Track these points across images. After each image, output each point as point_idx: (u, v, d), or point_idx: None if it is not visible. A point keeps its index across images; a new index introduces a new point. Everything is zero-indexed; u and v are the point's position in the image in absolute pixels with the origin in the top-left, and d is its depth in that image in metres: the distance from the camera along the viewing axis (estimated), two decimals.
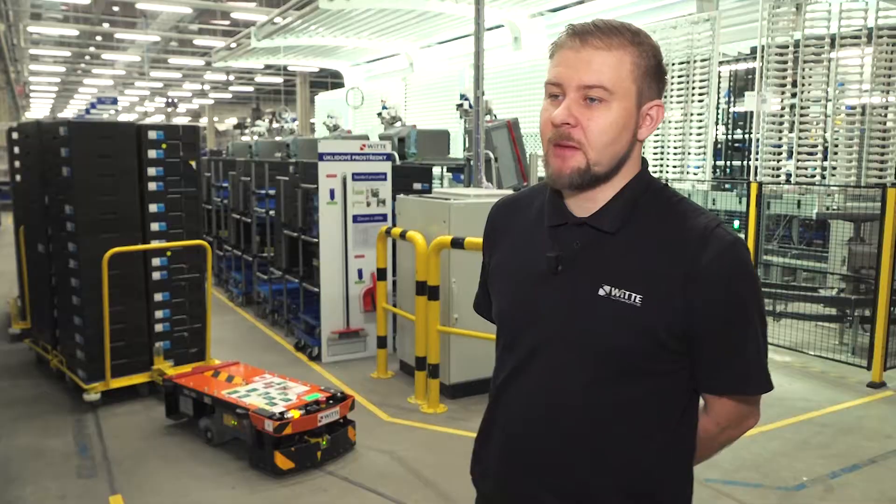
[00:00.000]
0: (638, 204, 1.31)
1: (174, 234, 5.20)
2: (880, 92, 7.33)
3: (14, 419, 4.76)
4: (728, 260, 1.25)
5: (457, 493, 3.82)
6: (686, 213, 1.30)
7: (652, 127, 1.32)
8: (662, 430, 1.32)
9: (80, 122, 5.28)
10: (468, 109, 7.61)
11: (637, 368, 1.28)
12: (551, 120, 1.27)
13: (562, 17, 11.93)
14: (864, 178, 7.40)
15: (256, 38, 14.88)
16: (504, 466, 1.41)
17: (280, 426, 3.87)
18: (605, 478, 1.31)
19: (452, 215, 5.03)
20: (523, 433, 1.37)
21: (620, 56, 1.26)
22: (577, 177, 1.27)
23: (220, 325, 7.05)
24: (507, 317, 1.44)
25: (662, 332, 1.25)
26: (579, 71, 1.25)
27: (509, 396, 1.41)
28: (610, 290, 1.27)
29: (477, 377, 5.22)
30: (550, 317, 1.33)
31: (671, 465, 1.35)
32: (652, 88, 1.30)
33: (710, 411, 1.38)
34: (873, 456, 4.30)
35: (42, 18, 23.01)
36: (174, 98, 32.52)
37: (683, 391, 1.33)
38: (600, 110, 1.25)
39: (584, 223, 1.32)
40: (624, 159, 1.30)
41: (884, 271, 5.47)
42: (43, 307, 5.71)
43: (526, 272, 1.38)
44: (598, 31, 1.27)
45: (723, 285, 1.24)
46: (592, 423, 1.31)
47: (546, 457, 1.34)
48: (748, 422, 1.41)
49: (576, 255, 1.32)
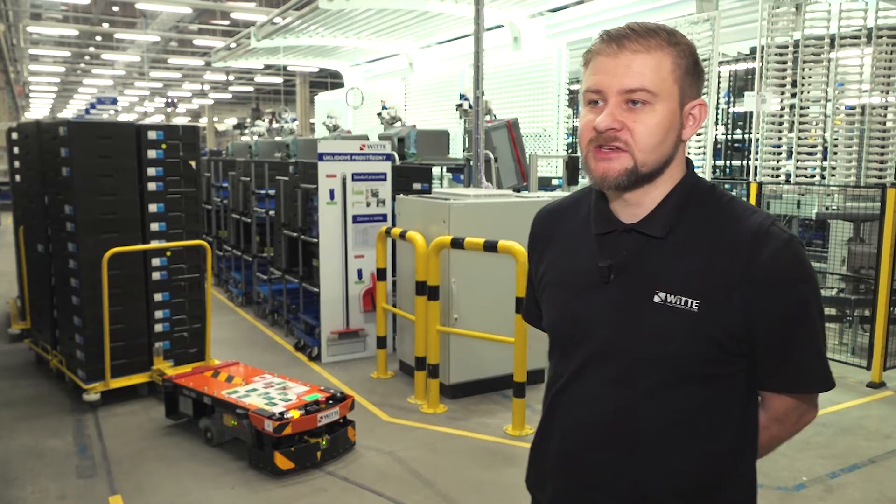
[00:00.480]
0: (687, 206, 1.30)
1: (174, 234, 5.20)
2: (880, 92, 7.33)
3: (14, 419, 4.76)
4: (785, 258, 1.23)
5: (457, 493, 3.82)
6: (738, 213, 1.29)
7: (696, 126, 1.31)
8: (724, 432, 1.31)
9: (80, 123, 5.27)
10: (468, 109, 7.61)
11: (697, 373, 1.27)
12: (594, 126, 1.26)
13: (562, 17, 11.92)
14: (864, 178, 7.40)
15: (256, 38, 14.87)
16: (562, 475, 1.40)
17: (280, 426, 3.87)
18: (666, 483, 1.30)
19: (452, 215, 5.03)
20: (582, 441, 1.36)
21: (660, 57, 1.25)
22: (623, 178, 1.26)
23: (220, 325, 7.06)
24: (560, 327, 1.43)
25: (722, 336, 1.24)
26: (619, 76, 1.24)
27: (566, 405, 1.40)
28: (665, 296, 1.26)
29: (477, 377, 5.23)
30: (606, 326, 1.32)
31: (734, 466, 1.33)
32: (693, 87, 1.29)
33: (767, 408, 1.37)
34: (873, 456, 4.31)
35: (42, 18, 23.03)
36: (174, 98, 32.52)
37: (743, 391, 1.32)
38: (645, 113, 1.24)
39: (632, 229, 1.31)
40: (669, 160, 1.29)
41: (883, 271, 5.47)
42: (43, 307, 5.71)
43: (577, 282, 1.37)
44: (635, 34, 1.25)
45: (781, 284, 1.23)
46: (652, 430, 1.29)
47: (606, 466, 1.33)
48: (807, 416, 1.39)
49: (626, 263, 1.30)
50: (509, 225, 5.10)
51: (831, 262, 7.14)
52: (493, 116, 8.28)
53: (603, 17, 10.94)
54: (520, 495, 4.05)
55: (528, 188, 7.33)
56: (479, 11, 6.74)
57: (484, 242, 4.61)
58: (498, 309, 4.94)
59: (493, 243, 4.57)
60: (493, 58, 10.97)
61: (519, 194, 6.00)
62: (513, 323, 4.51)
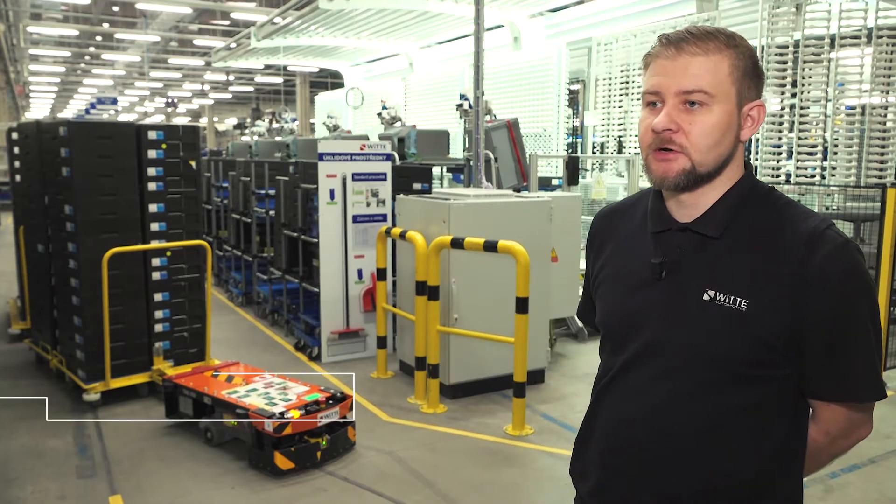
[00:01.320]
0: (743, 207, 1.30)
1: (174, 234, 5.20)
2: (880, 92, 7.33)
3: (14, 419, 4.76)
4: (839, 262, 1.22)
5: (457, 493, 3.82)
6: (795, 216, 1.28)
7: (754, 128, 1.32)
8: (769, 438, 1.30)
9: (80, 123, 5.28)
10: (468, 109, 7.60)
11: (743, 374, 1.27)
12: (652, 127, 1.27)
13: (562, 17, 11.93)
14: (864, 179, 7.40)
15: (256, 38, 14.87)
16: (604, 469, 1.41)
17: (280, 426, 3.87)
18: (706, 483, 1.30)
19: (452, 215, 5.03)
20: (624, 436, 1.37)
21: (718, 59, 1.26)
22: (682, 178, 1.28)
23: (220, 325, 7.06)
24: (611, 322, 1.44)
25: (770, 337, 1.24)
26: (677, 77, 1.25)
27: (610, 399, 1.41)
28: (715, 294, 1.26)
29: (477, 377, 5.23)
30: (655, 322, 1.33)
31: (780, 471, 1.32)
32: (751, 89, 1.30)
33: (818, 420, 1.34)
34: (873, 456, 4.31)
35: (42, 18, 23.02)
36: (174, 98, 32.51)
37: (792, 397, 1.31)
38: (702, 114, 1.26)
39: (687, 228, 1.32)
40: (727, 161, 1.30)
41: (884, 271, 5.47)
42: (43, 307, 5.71)
43: (630, 278, 1.39)
44: (693, 37, 1.27)
45: (834, 288, 1.22)
46: (697, 428, 1.29)
47: (649, 460, 1.33)
48: (860, 431, 1.36)
49: (679, 261, 1.32)
50: (509, 225, 5.10)
51: None
52: (493, 116, 8.27)
53: (603, 17, 10.93)
54: (520, 495, 4.05)
55: (528, 188, 7.32)
56: (479, 11, 6.74)
57: (484, 242, 4.61)
58: (498, 309, 4.94)
59: (493, 243, 4.57)
60: (493, 58, 10.97)
61: (519, 194, 6.00)
62: (513, 323, 4.51)
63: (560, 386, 5.51)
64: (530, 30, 12.21)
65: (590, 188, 9.46)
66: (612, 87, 10.30)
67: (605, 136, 10.53)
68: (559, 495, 3.76)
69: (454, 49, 14.47)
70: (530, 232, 5.19)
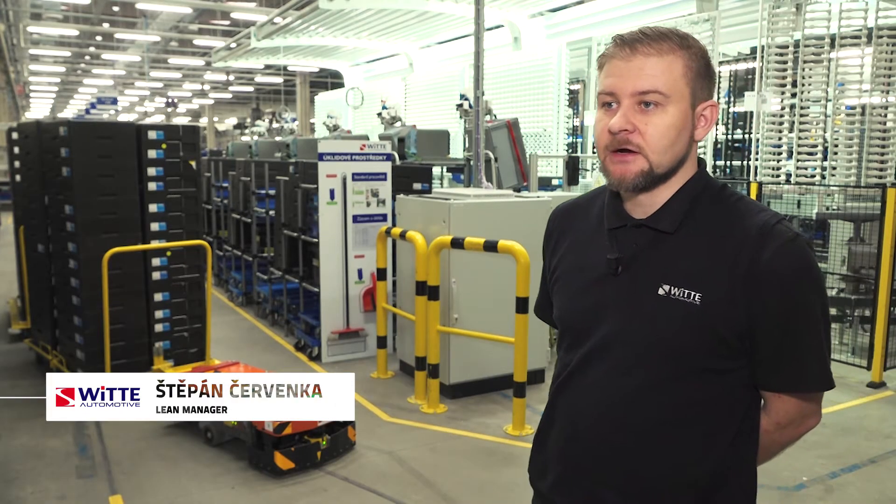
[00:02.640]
0: (697, 203, 1.33)
1: (174, 234, 5.20)
2: (880, 92, 7.33)
3: (14, 419, 4.76)
4: (789, 256, 1.25)
5: (457, 493, 3.82)
6: (746, 211, 1.31)
7: (707, 127, 1.34)
8: (725, 430, 1.32)
9: (80, 123, 5.28)
10: (468, 109, 7.61)
11: (698, 367, 1.29)
12: (609, 128, 1.29)
13: (562, 17, 11.93)
14: (864, 179, 7.40)
15: (256, 38, 14.87)
16: (564, 464, 1.42)
17: (280, 426, 3.87)
18: (664, 475, 1.32)
19: (452, 215, 5.03)
20: (582, 431, 1.38)
21: (672, 60, 1.28)
22: (640, 179, 1.30)
23: (220, 325, 7.05)
24: (568, 318, 1.46)
25: (723, 330, 1.26)
26: (632, 78, 1.27)
27: (569, 395, 1.42)
28: (669, 289, 1.29)
29: (477, 377, 5.23)
30: (611, 317, 1.34)
31: (735, 463, 1.34)
32: (704, 89, 1.32)
33: (769, 410, 1.37)
34: (873, 456, 4.31)
35: (42, 18, 23.01)
36: (174, 98, 32.51)
37: (746, 389, 1.33)
38: (657, 114, 1.27)
39: (642, 224, 1.34)
40: (683, 160, 1.32)
41: (884, 271, 5.47)
42: (43, 307, 5.71)
43: (587, 274, 1.40)
44: (647, 37, 1.28)
45: (783, 281, 1.24)
46: (654, 421, 1.31)
47: (607, 454, 1.35)
48: (809, 421, 1.39)
49: (635, 256, 1.34)
50: (509, 225, 5.10)
51: (831, 262, 7.13)
52: (493, 116, 8.28)
53: (603, 17, 10.94)
54: (520, 495, 4.04)
55: (529, 188, 7.33)
56: (479, 11, 6.74)
57: (484, 242, 4.61)
58: (498, 309, 4.94)
59: (493, 243, 4.57)
60: (493, 58, 10.97)
61: (519, 194, 6.00)
62: (513, 323, 4.51)
63: None
64: (530, 30, 12.21)
65: (590, 188, 9.45)
66: None
67: None
68: None
69: (454, 49, 14.47)
70: (530, 232, 5.16)
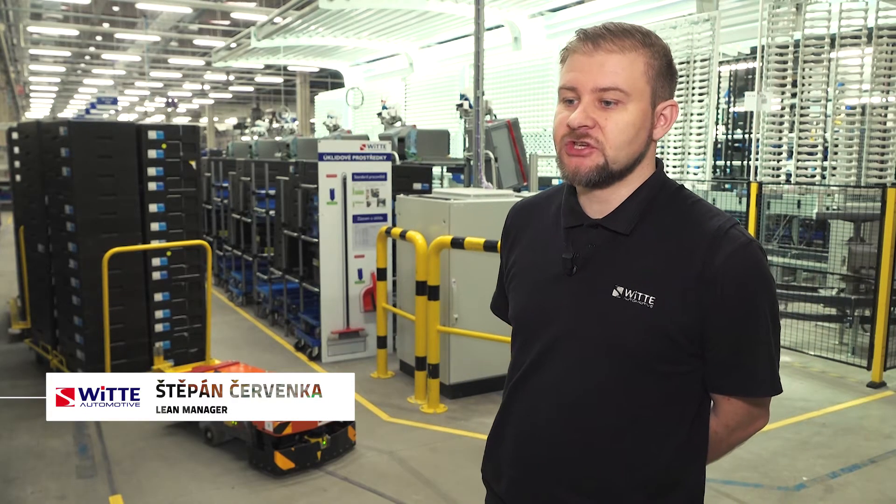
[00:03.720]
0: (653, 205, 1.33)
1: (174, 234, 5.20)
2: (880, 92, 7.33)
3: (14, 419, 4.76)
4: (741, 261, 1.25)
5: (457, 493, 3.82)
6: (701, 215, 1.31)
7: (667, 126, 1.33)
8: (678, 429, 1.33)
9: (80, 123, 5.28)
10: (468, 109, 7.61)
11: (651, 368, 1.29)
12: (568, 123, 1.28)
13: (562, 17, 11.93)
14: (864, 178, 7.40)
15: (256, 38, 14.88)
16: (518, 465, 1.41)
17: (280, 426, 3.87)
18: (620, 474, 1.32)
19: (452, 215, 5.03)
20: (537, 431, 1.38)
21: (633, 58, 1.27)
22: (594, 174, 1.29)
23: (220, 325, 7.06)
24: (522, 317, 1.45)
25: (675, 333, 1.26)
26: (593, 74, 1.26)
27: (523, 395, 1.42)
28: (623, 291, 1.29)
29: (477, 377, 5.22)
30: (565, 317, 1.34)
31: (687, 463, 1.35)
32: (665, 88, 1.31)
33: (718, 412, 1.38)
34: (873, 456, 4.30)
35: (42, 18, 23.00)
36: (174, 98, 32.50)
37: (698, 391, 1.34)
38: (617, 112, 1.27)
39: (598, 225, 1.33)
40: (640, 158, 1.32)
41: (884, 271, 5.47)
42: (43, 307, 5.71)
43: (542, 273, 1.40)
44: (610, 34, 1.28)
45: (735, 286, 1.24)
46: (607, 421, 1.32)
47: (561, 454, 1.35)
48: (756, 423, 1.40)
49: (590, 257, 1.33)
50: None
51: (831, 262, 7.14)
52: (493, 116, 8.28)
53: (603, 17, 10.93)
54: None
55: (529, 188, 7.33)
56: (479, 11, 6.74)
57: (484, 242, 4.61)
58: None
59: (493, 243, 4.57)
60: (493, 58, 10.97)
61: (519, 194, 6.00)
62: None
63: None
64: (530, 30, 12.21)
65: None
66: None
67: None
68: None
69: (454, 49, 14.47)
70: None
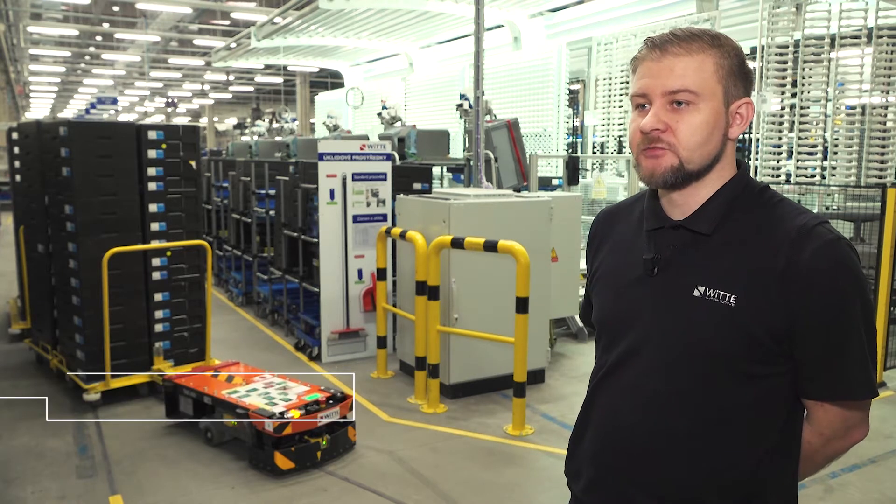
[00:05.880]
0: (735, 205, 1.31)
1: (174, 234, 5.20)
2: (880, 92, 7.33)
3: (14, 419, 4.76)
4: (827, 258, 1.22)
5: (457, 493, 3.82)
6: (786, 213, 1.29)
7: (743, 125, 1.33)
8: (765, 435, 1.29)
9: (80, 123, 5.28)
10: (468, 109, 7.60)
11: (735, 369, 1.27)
12: (640, 128, 1.29)
13: (562, 17, 11.92)
14: (864, 178, 7.40)
15: (256, 38, 14.86)
16: (597, 466, 1.41)
17: (280, 426, 3.87)
18: (701, 479, 1.30)
19: (452, 215, 5.03)
20: (617, 432, 1.37)
21: (702, 59, 1.28)
22: (670, 175, 1.29)
23: (220, 325, 7.06)
24: (605, 319, 1.46)
25: (759, 332, 1.24)
26: (662, 78, 1.28)
27: (605, 396, 1.42)
28: (704, 290, 1.28)
29: (477, 377, 5.23)
30: (647, 318, 1.34)
31: (775, 471, 1.31)
32: (738, 87, 1.31)
33: (812, 420, 1.33)
34: (873, 456, 4.30)
35: (42, 18, 23.00)
36: (174, 98, 32.51)
37: (786, 397, 1.30)
38: (689, 113, 1.27)
39: (680, 226, 1.34)
40: (717, 158, 1.31)
41: (884, 271, 5.46)
42: (43, 307, 5.71)
43: (624, 275, 1.40)
44: (677, 38, 1.29)
45: (822, 284, 1.21)
46: (689, 424, 1.30)
47: (641, 457, 1.33)
48: (855, 433, 1.34)
49: (672, 257, 1.33)
50: (509, 225, 5.10)
51: None
52: (493, 116, 8.27)
53: (603, 17, 10.93)
54: (520, 495, 4.05)
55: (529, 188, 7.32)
56: (479, 11, 6.74)
57: (484, 242, 4.61)
58: (498, 309, 4.94)
59: (493, 243, 4.57)
60: (493, 58, 10.97)
61: (519, 194, 6.00)
62: (513, 323, 4.51)
63: (560, 386, 5.51)
64: (530, 30, 12.20)
65: (590, 188, 9.45)
66: (612, 87, 10.30)
67: (605, 136, 10.53)
68: (559, 495, 3.75)
69: (454, 49, 14.46)
70: (530, 232, 5.19)
